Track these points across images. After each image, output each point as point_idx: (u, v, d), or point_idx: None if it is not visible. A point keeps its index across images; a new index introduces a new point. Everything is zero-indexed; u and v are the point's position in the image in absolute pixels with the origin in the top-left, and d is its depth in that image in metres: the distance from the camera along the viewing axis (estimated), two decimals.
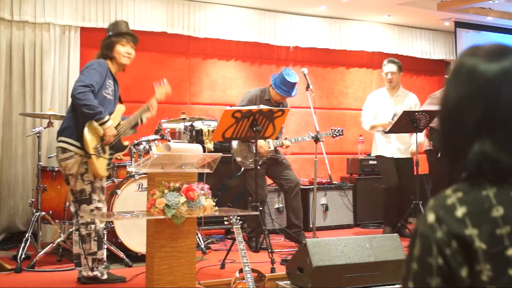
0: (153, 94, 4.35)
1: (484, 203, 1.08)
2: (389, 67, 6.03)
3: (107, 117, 3.98)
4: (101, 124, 3.95)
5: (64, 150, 4.01)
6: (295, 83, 5.38)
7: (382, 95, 6.13)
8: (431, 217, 1.10)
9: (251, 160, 5.33)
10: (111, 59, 4.19)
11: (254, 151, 4.83)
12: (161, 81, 4.37)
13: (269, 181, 5.87)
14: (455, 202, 1.10)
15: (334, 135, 5.74)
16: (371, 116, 6.05)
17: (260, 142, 5.09)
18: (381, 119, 6.01)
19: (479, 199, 1.09)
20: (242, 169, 5.42)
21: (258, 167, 5.08)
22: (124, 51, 4.20)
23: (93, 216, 4.04)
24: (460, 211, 1.08)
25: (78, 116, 3.98)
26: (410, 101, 6.12)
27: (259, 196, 5.27)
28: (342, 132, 5.78)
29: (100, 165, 4.00)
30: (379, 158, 6.11)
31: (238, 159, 5.41)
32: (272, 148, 5.43)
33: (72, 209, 4.23)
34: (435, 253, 1.08)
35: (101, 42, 4.23)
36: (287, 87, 5.36)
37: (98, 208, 4.06)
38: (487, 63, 1.14)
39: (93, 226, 4.05)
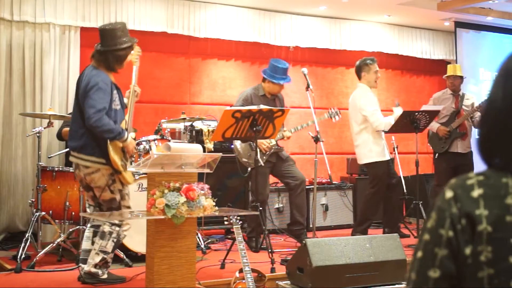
0: (152, 94, 4.36)
1: (501, 189, 1.13)
2: (377, 66, 5.80)
3: (126, 134, 4.00)
4: (123, 141, 3.99)
5: (87, 166, 4.02)
6: (287, 68, 5.41)
7: (371, 92, 5.81)
8: (449, 194, 1.16)
9: (257, 157, 5.32)
10: (113, 70, 4.13)
11: (253, 149, 4.83)
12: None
13: (271, 180, 5.85)
14: (474, 184, 1.15)
15: (332, 116, 5.66)
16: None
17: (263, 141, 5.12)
18: (381, 114, 5.77)
19: (497, 185, 1.14)
20: (249, 169, 5.41)
21: (263, 165, 5.18)
22: (130, 58, 4.22)
23: (94, 217, 4.05)
24: (476, 192, 1.13)
25: (95, 135, 3.98)
26: None
27: (261, 195, 5.28)
28: (339, 112, 5.69)
29: (128, 175, 4.08)
30: (382, 163, 5.70)
31: (244, 160, 5.39)
32: (274, 143, 5.43)
33: (90, 210, 4.26)
34: (447, 226, 1.13)
35: (105, 53, 4.05)
36: (280, 74, 5.37)
37: None
38: None
39: (117, 228, 4.08)
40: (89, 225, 4.22)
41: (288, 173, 5.56)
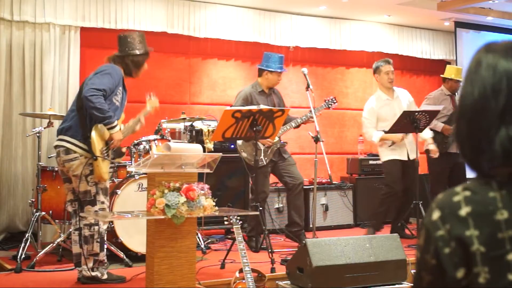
0: (150, 95, 4.40)
1: (490, 205, 1.08)
2: (389, 66, 5.86)
3: (115, 122, 4.00)
4: (109, 129, 3.97)
5: (68, 151, 4.00)
6: (282, 57, 5.50)
7: (381, 99, 5.88)
8: (436, 214, 1.11)
9: (261, 156, 5.34)
10: (130, 75, 4.24)
11: (257, 148, 4.85)
12: (149, 94, 4.48)
13: (270, 180, 5.85)
14: (461, 201, 1.10)
15: (329, 106, 5.64)
16: (375, 126, 5.79)
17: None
18: (386, 124, 5.72)
19: (485, 200, 1.08)
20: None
21: (265, 164, 5.30)
22: (146, 67, 4.32)
23: (96, 217, 4.05)
24: (464, 210, 1.08)
25: (84, 117, 3.98)
26: (406, 98, 6.01)
27: (262, 194, 5.30)
28: (335, 99, 5.67)
29: (105, 168, 4.04)
30: (389, 162, 5.78)
31: (249, 158, 5.37)
32: (277, 139, 5.42)
33: (70, 208, 4.24)
34: (431, 252, 1.10)
35: (123, 58, 4.19)
36: (276, 62, 5.44)
37: (102, 209, 4.07)
38: (505, 59, 1.16)
39: (96, 227, 4.07)
40: (72, 228, 4.22)
41: (287, 173, 5.56)
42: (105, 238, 4.24)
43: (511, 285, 1.03)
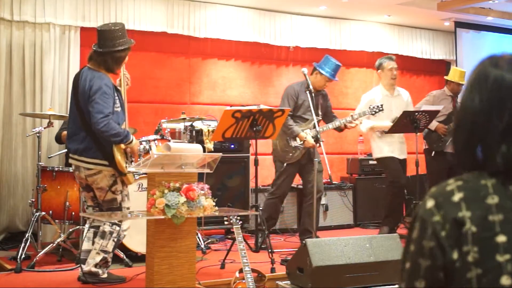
0: (152, 94, 4.39)
1: (481, 190, 1.14)
2: (393, 63, 5.91)
3: (131, 136, 4.02)
4: (128, 143, 4.00)
5: (89, 168, 4.03)
6: (339, 66, 5.49)
7: (380, 94, 5.93)
8: (430, 203, 1.17)
9: (290, 154, 5.39)
10: (112, 71, 4.12)
11: (293, 145, 4.93)
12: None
13: (270, 180, 5.85)
14: (454, 189, 1.16)
15: (373, 112, 5.45)
16: (367, 117, 5.78)
17: (308, 138, 5.23)
18: (381, 120, 5.82)
19: (477, 187, 1.15)
20: (285, 164, 5.43)
21: (292, 165, 5.43)
22: (127, 59, 4.20)
23: (93, 217, 4.05)
24: (457, 196, 1.15)
25: (99, 139, 3.98)
26: (405, 98, 6.06)
27: (280, 190, 5.50)
28: (382, 107, 5.45)
29: (130, 175, 4.12)
30: (386, 159, 5.85)
31: (280, 152, 5.43)
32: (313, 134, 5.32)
33: (90, 210, 4.27)
34: (428, 236, 1.15)
35: (103, 54, 4.01)
36: (330, 68, 5.43)
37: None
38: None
39: (118, 227, 4.10)
40: (88, 225, 4.22)
41: (310, 180, 5.35)
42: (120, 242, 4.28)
43: (499, 266, 1.08)
